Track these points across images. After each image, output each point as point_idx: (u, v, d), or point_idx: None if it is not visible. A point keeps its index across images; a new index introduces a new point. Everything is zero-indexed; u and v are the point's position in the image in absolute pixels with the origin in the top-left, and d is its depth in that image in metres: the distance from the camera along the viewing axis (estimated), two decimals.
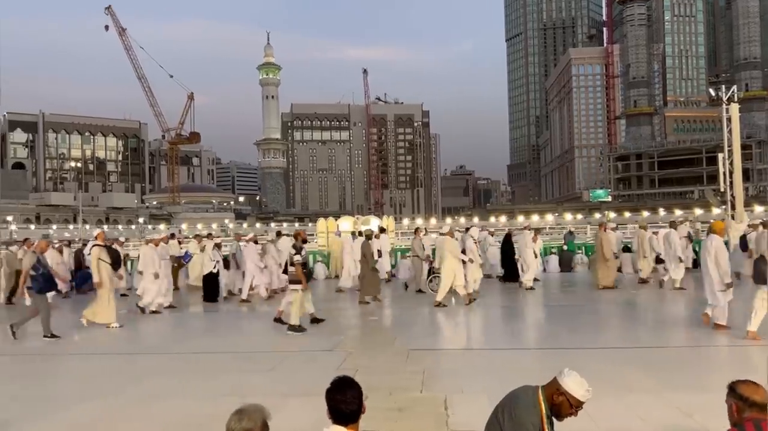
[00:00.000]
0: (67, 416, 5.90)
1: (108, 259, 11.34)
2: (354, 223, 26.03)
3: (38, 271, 10.16)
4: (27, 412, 6.06)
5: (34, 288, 10.22)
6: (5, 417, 5.84)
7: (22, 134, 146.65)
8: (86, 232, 79.31)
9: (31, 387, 7.27)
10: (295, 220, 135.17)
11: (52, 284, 10.62)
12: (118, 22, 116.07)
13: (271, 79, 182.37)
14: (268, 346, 9.50)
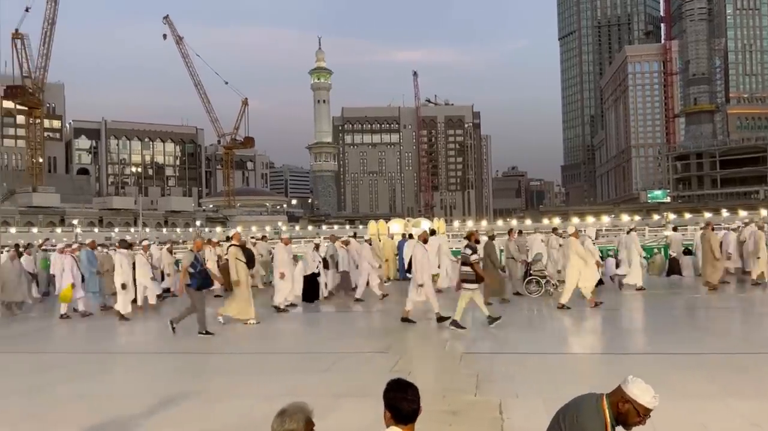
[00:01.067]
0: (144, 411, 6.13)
1: (244, 258, 11.70)
2: (405, 225, 26.08)
3: (196, 269, 10.46)
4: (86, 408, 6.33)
5: (193, 285, 10.52)
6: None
7: (86, 141, 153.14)
8: (145, 234, 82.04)
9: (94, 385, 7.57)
10: (346, 222, 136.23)
11: (209, 281, 10.94)
12: (175, 31, 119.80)
13: (323, 84, 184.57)
14: (323, 347, 9.62)
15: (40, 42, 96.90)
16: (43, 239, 38.53)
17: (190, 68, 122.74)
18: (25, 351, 10.40)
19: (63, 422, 5.95)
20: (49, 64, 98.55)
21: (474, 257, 10.32)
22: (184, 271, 10.63)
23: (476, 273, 10.27)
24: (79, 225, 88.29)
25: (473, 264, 10.27)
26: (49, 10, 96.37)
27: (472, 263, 10.27)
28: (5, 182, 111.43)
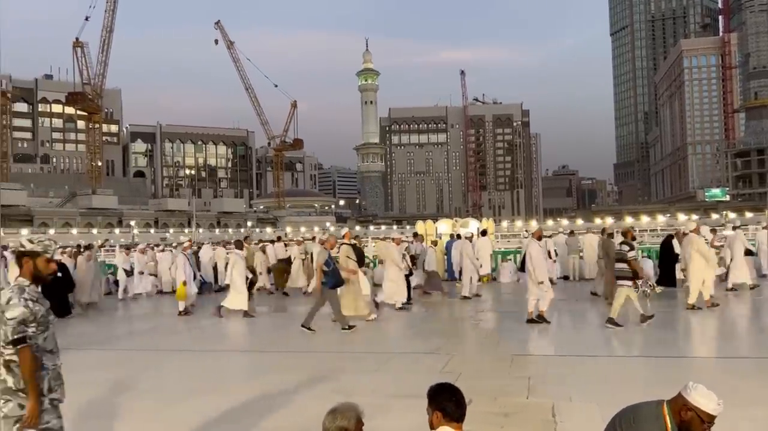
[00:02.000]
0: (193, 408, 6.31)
1: (355, 257, 11.83)
2: (452, 225, 25.94)
3: (329, 266, 10.64)
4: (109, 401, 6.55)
5: (328, 284, 10.69)
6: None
7: (142, 145, 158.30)
8: (199, 235, 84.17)
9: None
10: (393, 223, 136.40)
11: (341, 280, 11.07)
12: (226, 36, 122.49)
13: (370, 85, 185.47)
14: (373, 347, 9.68)
15: (99, 50, 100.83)
16: (103, 239, 40.05)
17: (240, 72, 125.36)
18: (173, 348, 10.80)
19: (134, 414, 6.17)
20: (107, 70, 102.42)
21: (631, 253, 10.23)
22: (319, 269, 10.68)
23: (633, 270, 10.15)
24: (136, 226, 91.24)
25: (630, 261, 10.18)
26: (107, 19, 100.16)
27: (629, 260, 10.18)
28: (67, 185, 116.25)
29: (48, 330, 3.34)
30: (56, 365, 3.39)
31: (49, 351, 3.33)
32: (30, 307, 3.22)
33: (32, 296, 3.28)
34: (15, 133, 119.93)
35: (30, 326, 3.22)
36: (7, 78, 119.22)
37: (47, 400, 3.28)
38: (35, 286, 3.37)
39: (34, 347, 3.23)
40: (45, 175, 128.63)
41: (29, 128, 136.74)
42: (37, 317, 3.25)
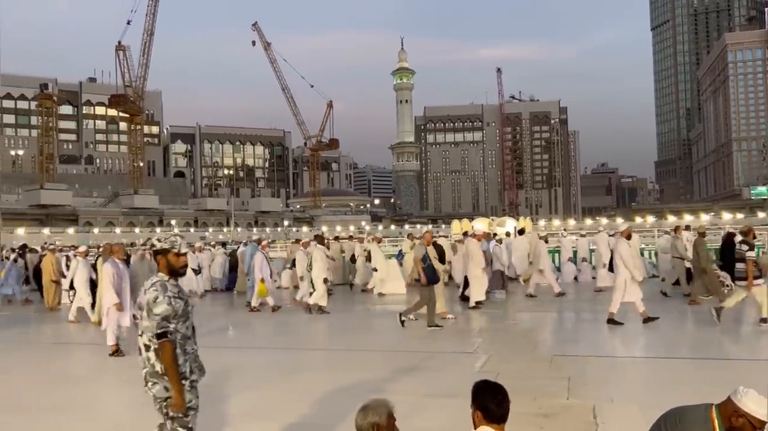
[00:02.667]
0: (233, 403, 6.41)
1: (436, 255, 11.74)
2: (489, 224, 25.78)
3: (426, 263, 10.68)
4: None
5: (426, 279, 10.62)
6: None
7: (182, 145, 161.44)
8: (237, 234, 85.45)
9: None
10: (428, 222, 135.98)
11: (437, 276, 11.09)
12: (263, 37, 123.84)
13: (405, 84, 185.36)
14: (409, 346, 9.67)
15: (140, 53, 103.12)
16: (145, 238, 40.96)
17: (277, 73, 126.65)
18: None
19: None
20: (148, 73, 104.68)
21: (751, 254, 9.88)
22: (417, 264, 10.67)
23: (748, 270, 9.79)
24: (176, 225, 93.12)
25: (749, 261, 9.83)
26: (148, 22, 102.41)
27: (747, 261, 9.83)
28: (110, 185, 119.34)
29: (188, 320, 3.70)
30: (194, 349, 3.75)
31: (189, 337, 3.70)
32: (172, 304, 3.57)
33: (173, 293, 3.62)
34: (61, 135, 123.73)
35: (172, 321, 3.56)
36: (53, 82, 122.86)
37: (188, 382, 3.63)
38: (174, 280, 3.70)
39: (178, 336, 3.60)
40: (89, 175, 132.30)
41: (74, 130, 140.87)
42: (178, 312, 3.59)
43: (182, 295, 3.69)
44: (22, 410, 6.60)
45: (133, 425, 5.80)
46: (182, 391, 3.56)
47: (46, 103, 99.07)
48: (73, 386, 7.81)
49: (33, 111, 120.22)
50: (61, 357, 10.40)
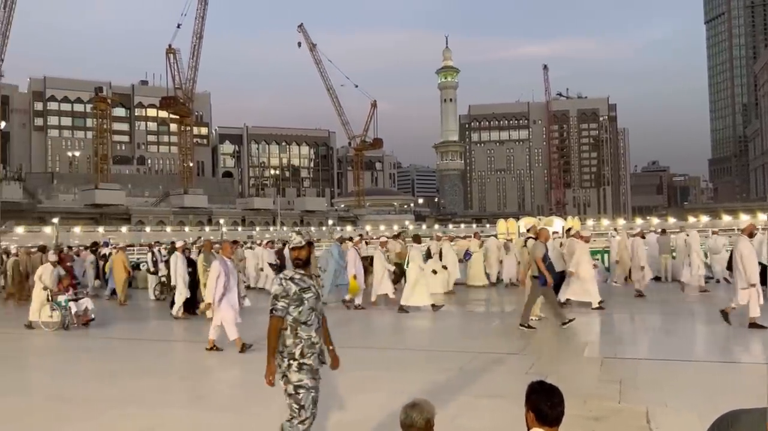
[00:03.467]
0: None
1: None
2: (536, 224, 25.39)
3: (546, 261, 10.55)
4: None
5: (540, 279, 10.43)
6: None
7: (230, 146, 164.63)
8: (283, 233, 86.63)
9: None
10: (472, 221, 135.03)
11: (556, 275, 10.90)
12: (309, 38, 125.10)
13: (450, 83, 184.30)
14: (456, 346, 9.62)
15: (190, 55, 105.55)
16: (195, 237, 41.94)
17: (322, 74, 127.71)
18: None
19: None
20: (197, 75, 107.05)
21: None
22: (539, 262, 10.45)
23: None
24: (225, 225, 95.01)
25: None
26: (197, 26, 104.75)
27: None
28: (161, 185, 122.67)
29: (303, 305, 4.00)
30: (310, 336, 4.00)
31: (303, 322, 4.00)
32: (283, 285, 4.01)
33: (288, 277, 4.05)
34: (114, 136, 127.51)
35: (280, 300, 3.99)
36: (107, 85, 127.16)
37: (297, 363, 3.95)
38: (301, 269, 4.12)
39: (290, 319, 3.99)
40: (141, 176, 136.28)
41: (127, 132, 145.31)
42: (289, 293, 3.99)
43: (299, 282, 4.03)
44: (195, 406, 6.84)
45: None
46: (272, 363, 3.98)
47: (100, 106, 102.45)
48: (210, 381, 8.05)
49: (88, 114, 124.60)
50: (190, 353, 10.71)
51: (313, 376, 4.00)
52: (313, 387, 3.99)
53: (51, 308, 12.43)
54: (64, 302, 12.43)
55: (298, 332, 3.97)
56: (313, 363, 4.00)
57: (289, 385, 3.96)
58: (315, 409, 4.04)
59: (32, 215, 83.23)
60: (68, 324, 12.33)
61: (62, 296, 12.52)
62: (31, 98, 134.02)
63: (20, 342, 11.84)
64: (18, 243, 44.65)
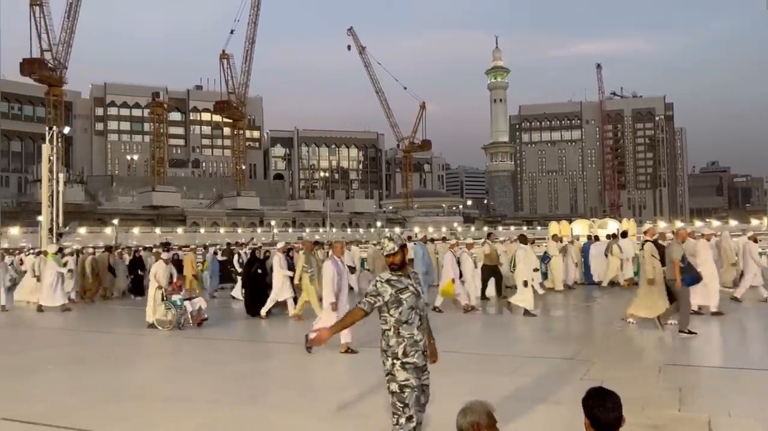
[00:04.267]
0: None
1: (658, 255, 11.13)
2: (589, 226, 24.91)
3: (684, 262, 10.27)
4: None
5: (686, 281, 10.08)
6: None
7: (281, 149, 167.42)
8: (332, 234, 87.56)
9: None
10: (523, 223, 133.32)
11: (698, 275, 10.42)
12: (358, 41, 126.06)
13: (499, 83, 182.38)
14: (508, 350, 9.54)
15: (243, 60, 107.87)
16: (248, 239, 42.79)
17: (371, 76, 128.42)
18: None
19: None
20: (249, 79, 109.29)
21: None
22: (676, 265, 10.08)
23: None
24: (276, 226, 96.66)
25: None
26: (249, 31, 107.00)
27: None
28: (215, 187, 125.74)
29: (401, 305, 4.10)
30: (413, 334, 4.09)
31: (404, 322, 4.10)
32: (377, 287, 4.16)
33: (384, 279, 4.19)
34: (170, 140, 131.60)
35: (369, 297, 4.16)
36: (163, 90, 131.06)
37: (399, 362, 4.04)
38: (397, 272, 4.22)
39: (392, 320, 4.11)
40: (196, 178, 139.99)
41: (182, 135, 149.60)
42: (383, 296, 4.12)
43: (396, 284, 4.15)
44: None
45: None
46: (333, 333, 4.33)
47: (157, 111, 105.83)
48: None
49: (146, 118, 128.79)
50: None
51: (418, 375, 4.07)
52: (418, 386, 4.06)
53: (165, 308, 12.31)
54: (179, 302, 12.29)
55: (399, 331, 4.08)
56: (417, 361, 4.07)
57: (393, 383, 4.03)
58: (419, 407, 4.12)
59: (93, 217, 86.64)
60: (183, 324, 12.21)
61: (177, 296, 12.36)
62: (92, 104, 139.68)
63: (136, 344, 11.58)
64: (81, 243, 46.61)
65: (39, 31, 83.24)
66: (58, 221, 21.51)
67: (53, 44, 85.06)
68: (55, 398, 7.09)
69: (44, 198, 21.61)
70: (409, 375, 4.02)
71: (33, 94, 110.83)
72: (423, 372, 4.16)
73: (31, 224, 68.60)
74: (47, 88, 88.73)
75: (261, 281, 14.15)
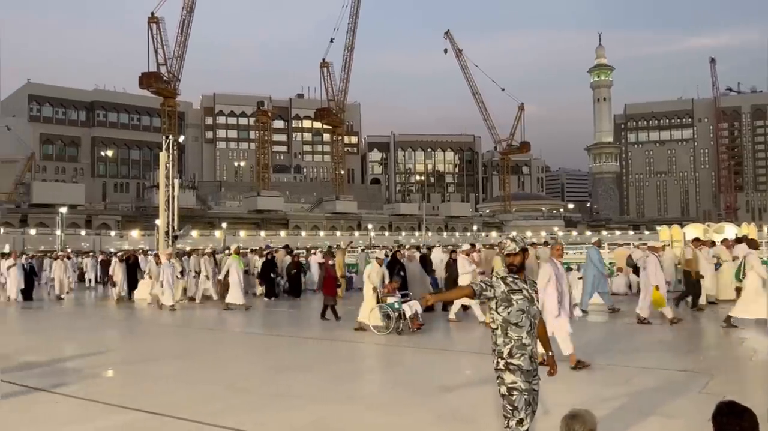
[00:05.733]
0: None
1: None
2: (704, 230, 23.37)
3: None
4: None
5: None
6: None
7: (378, 154, 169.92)
8: (428, 238, 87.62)
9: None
10: (629, 227, 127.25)
11: None
12: (455, 44, 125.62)
13: (603, 81, 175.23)
14: (621, 360, 9.14)
15: (342, 68, 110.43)
16: (347, 242, 43.67)
17: (468, 79, 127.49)
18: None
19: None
20: (348, 86, 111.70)
21: None
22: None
23: None
24: (373, 229, 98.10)
25: None
26: (348, 39, 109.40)
27: None
28: (315, 192, 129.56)
29: (511, 306, 4.09)
30: (521, 337, 4.07)
31: (514, 323, 4.08)
32: (492, 281, 4.16)
33: (500, 276, 4.20)
34: (274, 147, 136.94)
35: (481, 284, 4.16)
36: (267, 99, 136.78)
37: (504, 362, 4.06)
38: (516, 272, 4.22)
39: (500, 319, 4.11)
40: (297, 183, 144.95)
41: (285, 142, 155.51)
42: (495, 289, 4.11)
43: (511, 284, 4.13)
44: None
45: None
46: (437, 300, 4.42)
47: (262, 119, 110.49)
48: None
49: (251, 126, 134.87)
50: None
51: (527, 378, 4.03)
52: (527, 389, 4.02)
53: (381, 311, 11.54)
54: (397, 305, 11.42)
55: (507, 332, 4.07)
56: (523, 364, 4.04)
57: (503, 386, 4.04)
58: (530, 411, 4.07)
59: (203, 220, 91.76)
60: (402, 329, 11.26)
61: (393, 298, 11.59)
62: (202, 114, 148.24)
63: (351, 349, 11.16)
64: (192, 245, 49.48)
65: (155, 47, 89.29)
66: (174, 224, 22.92)
67: (168, 58, 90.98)
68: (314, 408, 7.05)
69: (161, 203, 23.12)
70: (516, 378, 4.00)
71: (150, 106, 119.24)
72: (533, 377, 4.12)
73: (148, 227, 73.76)
74: (162, 99, 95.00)
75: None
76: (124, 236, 76.07)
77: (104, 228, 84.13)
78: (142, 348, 11.76)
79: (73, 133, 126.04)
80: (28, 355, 10.49)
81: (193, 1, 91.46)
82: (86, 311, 20.16)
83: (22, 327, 16.66)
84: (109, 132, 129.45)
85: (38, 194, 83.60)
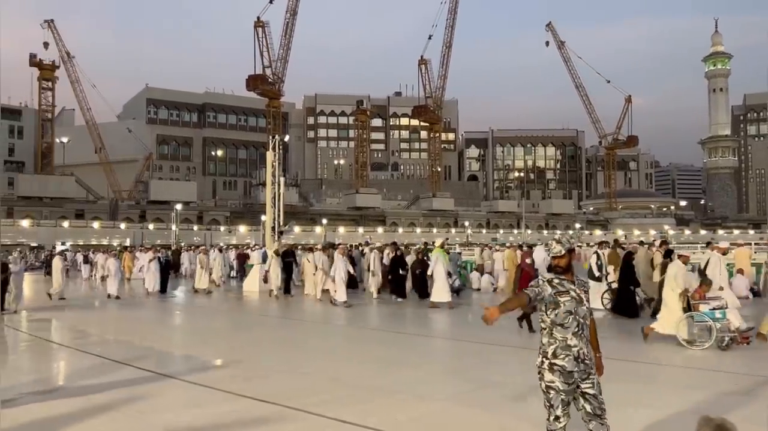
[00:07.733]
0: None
1: None
2: None
3: None
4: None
5: None
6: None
7: (475, 150, 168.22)
8: (527, 236, 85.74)
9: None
10: (748, 226, 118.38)
11: None
12: (557, 36, 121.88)
13: (720, 71, 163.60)
14: (714, 364, 8.57)
15: (440, 64, 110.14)
16: (443, 239, 43.63)
17: (571, 71, 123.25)
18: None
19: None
20: (446, 83, 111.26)
21: None
22: None
23: None
24: (470, 227, 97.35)
25: None
26: (446, 36, 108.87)
27: None
28: (412, 189, 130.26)
29: (558, 308, 4.09)
30: (566, 338, 4.08)
31: (559, 324, 4.10)
32: (539, 284, 4.13)
33: (546, 279, 4.17)
34: (372, 145, 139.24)
35: (533, 289, 4.10)
36: (366, 98, 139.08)
37: (548, 362, 4.09)
38: (561, 274, 4.22)
39: (548, 321, 4.13)
40: (394, 181, 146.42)
41: (382, 140, 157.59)
42: (543, 296, 4.09)
43: (557, 286, 4.12)
44: None
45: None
46: (501, 313, 3.93)
47: (361, 118, 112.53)
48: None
49: (350, 125, 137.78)
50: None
51: (566, 380, 4.02)
52: (564, 390, 4.02)
53: (695, 322, 9.64)
54: (721, 315, 9.46)
55: (553, 332, 4.10)
56: (567, 365, 4.03)
57: (542, 383, 4.10)
58: (567, 411, 4.07)
59: (305, 217, 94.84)
60: (727, 344, 9.42)
61: (706, 306, 9.56)
62: (304, 114, 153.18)
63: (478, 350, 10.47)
64: (294, 241, 51.36)
65: (261, 50, 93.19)
66: (279, 221, 23.88)
67: (272, 61, 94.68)
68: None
69: (268, 200, 24.12)
70: (555, 378, 4.02)
71: (256, 107, 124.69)
72: (584, 379, 4.08)
73: (254, 223, 77.31)
74: (267, 101, 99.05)
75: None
76: (232, 232, 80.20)
77: (214, 224, 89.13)
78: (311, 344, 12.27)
79: (186, 134, 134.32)
80: (162, 345, 11.44)
81: (296, 5, 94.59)
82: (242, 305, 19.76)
83: (160, 318, 17.06)
84: (218, 132, 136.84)
85: (155, 192, 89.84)
